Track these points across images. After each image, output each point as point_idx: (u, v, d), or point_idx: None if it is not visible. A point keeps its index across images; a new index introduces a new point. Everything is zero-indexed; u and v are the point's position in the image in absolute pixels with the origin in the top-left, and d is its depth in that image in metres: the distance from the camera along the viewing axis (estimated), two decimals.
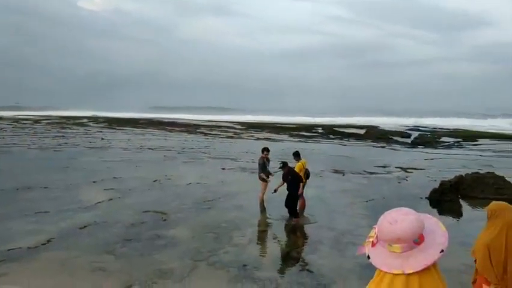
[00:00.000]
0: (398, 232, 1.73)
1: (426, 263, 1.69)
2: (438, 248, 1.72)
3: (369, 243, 1.86)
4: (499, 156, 26.27)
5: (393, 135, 43.78)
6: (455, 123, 73.66)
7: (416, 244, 1.73)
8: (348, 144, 35.19)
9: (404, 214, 1.78)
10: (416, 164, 21.95)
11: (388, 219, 1.78)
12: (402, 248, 1.73)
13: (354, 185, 16.01)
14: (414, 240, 1.72)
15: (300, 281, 7.19)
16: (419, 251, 1.72)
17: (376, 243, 1.82)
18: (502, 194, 13.39)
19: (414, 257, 1.71)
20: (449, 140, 38.64)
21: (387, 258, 1.76)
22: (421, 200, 13.40)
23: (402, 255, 1.73)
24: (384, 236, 1.77)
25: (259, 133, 47.27)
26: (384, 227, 1.77)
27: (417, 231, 1.73)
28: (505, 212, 3.82)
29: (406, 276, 1.69)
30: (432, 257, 1.70)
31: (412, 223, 1.73)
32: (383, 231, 1.77)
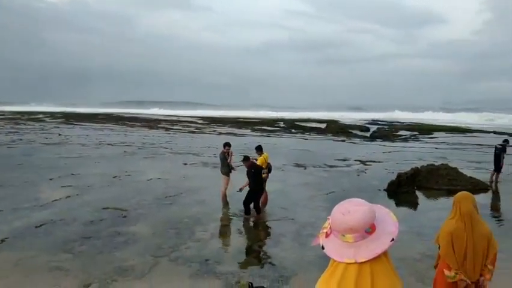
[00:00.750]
0: (350, 222, 1.76)
1: (377, 251, 1.73)
2: (389, 237, 1.77)
3: (324, 234, 1.89)
4: (453, 149, 27.33)
5: (352, 129, 44.71)
6: (413, 117, 75.89)
7: (368, 234, 1.77)
8: (309, 139, 35.65)
9: (356, 205, 1.82)
10: (374, 157, 22.52)
11: (341, 210, 1.82)
12: (355, 238, 1.76)
13: (315, 178, 16.25)
14: (366, 229, 1.76)
15: (262, 274, 7.24)
16: (371, 240, 1.76)
17: (330, 234, 1.85)
18: (455, 184, 13.99)
19: (366, 246, 1.75)
20: (406, 134, 39.85)
21: (341, 248, 1.79)
22: (379, 192, 13.77)
23: (354, 244, 1.76)
24: (337, 227, 1.81)
25: (221, 128, 47.13)
26: (337, 218, 1.81)
27: (369, 221, 1.78)
28: (464, 201, 3.98)
29: (358, 264, 1.73)
30: (383, 246, 1.75)
31: (364, 213, 1.77)
32: (336, 222, 1.81)
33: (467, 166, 18.63)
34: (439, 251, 4.05)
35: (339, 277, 1.75)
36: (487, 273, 3.82)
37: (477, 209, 3.98)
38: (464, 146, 29.07)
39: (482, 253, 3.81)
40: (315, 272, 7.22)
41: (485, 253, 3.83)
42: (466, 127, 48.78)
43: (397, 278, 1.80)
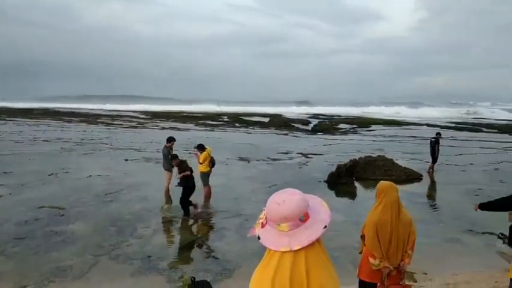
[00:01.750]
0: (284, 212, 1.81)
1: (311, 238, 1.78)
2: (322, 225, 1.82)
3: (259, 224, 1.92)
4: (389, 141, 28.56)
5: (295, 123, 45.47)
6: (352, 111, 78.33)
7: (301, 222, 1.82)
8: (253, 132, 35.89)
9: (290, 194, 1.87)
10: (315, 150, 23.09)
11: (276, 200, 1.86)
12: (289, 227, 1.81)
13: (258, 171, 16.42)
14: (300, 218, 1.81)
15: (205, 268, 7.27)
16: (305, 228, 1.81)
17: (265, 224, 1.89)
18: (391, 175, 14.66)
19: (300, 234, 1.79)
20: (346, 127, 41.09)
21: (276, 237, 1.83)
22: (320, 184, 14.16)
23: (289, 233, 1.81)
24: (272, 217, 1.85)
25: (164, 122, 46.32)
26: (272, 208, 1.85)
27: (303, 209, 1.83)
28: (390, 190, 4.14)
29: (293, 253, 1.77)
30: (317, 233, 1.80)
31: (297, 202, 1.83)
32: (271, 212, 1.85)
33: (402, 157, 19.58)
34: (364, 239, 4.21)
35: (274, 266, 1.79)
36: (407, 258, 4.03)
37: (399, 198, 4.15)
38: (400, 138, 30.45)
39: (404, 240, 4.01)
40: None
41: (407, 240, 4.03)
42: (401, 120, 51.06)
43: (331, 265, 1.85)
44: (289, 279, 1.75)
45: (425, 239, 8.74)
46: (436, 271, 7.28)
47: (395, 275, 4.03)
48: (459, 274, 7.14)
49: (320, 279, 1.76)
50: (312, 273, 1.76)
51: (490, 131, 38.57)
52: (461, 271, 7.31)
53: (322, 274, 1.78)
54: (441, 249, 8.53)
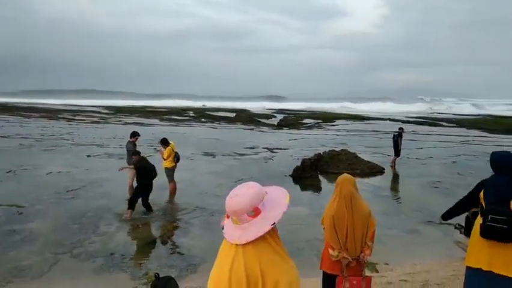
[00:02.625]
0: (234, 206, 1.85)
1: (257, 234, 1.81)
2: (271, 221, 1.84)
3: (226, 215, 1.97)
4: (352, 135, 29.11)
5: (261, 118, 45.64)
6: (318, 106, 79.30)
7: (250, 217, 1.84)
8: (219, 127, 35.78)
9: (246, 188, 1.90)
10: (281, 145, 23.26)
11: (231, 193, 1.90)
12: (240, 221, 1.85)
13: (224, 166, 16.39)
14: (249, 213, 1.84)
15: (170, 264, 7.21)
16: (253, 224, 1.84)
17: (229, 216, 1.93)
18: (354, 168, 14.96)
19: (249, 228, 1.83)
20: (311, 122, 41.59)
21: (232, 230, 1.88)
22: (286, 178, 14.29)
23: (242, 226, 1.85)
24: (227, 210, 1.90)
25: (128, 118, 45.49)
26: (226, 201, 1.89)
27: (252, 204, 1.85)
28: (346, 183, 4.22)
29: (244, 246, 1.81)
30: (264, 229, 1.82)
31: (248, 197, 1.85)
32: (226, 205, 1.89)
33: (364, 151, 19.99)
34: (324, 232, 4.29)
35: (230, 258, 1.82)
36: (367, 249, 4.12)
37: (357, 190, 4.20)
38: (363, 133, 31.09)
39: (362, 231, 4.09)
40: None
41: (365, 231, 4.12)
42: (365, 115, 52.09)
43: (287, 259, 1.88)
44: (245, 272, 1.78)
45: (387, 231, 8.99)
46: (397, 261, 7.49)
47: (355, 266, 4.11)
48: (419, 264, 7.38)
49: (275, 275, 1.78)
50: (267, 268, 1.79)
51: (449, 125, 39.90)
52: (421, 261, 7.56)
53: (277, 269, 1.80)
54: (402, 240, 8.78)
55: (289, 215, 8.97)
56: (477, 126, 38.36)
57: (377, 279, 6.18)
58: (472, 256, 4.35)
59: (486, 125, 38.72)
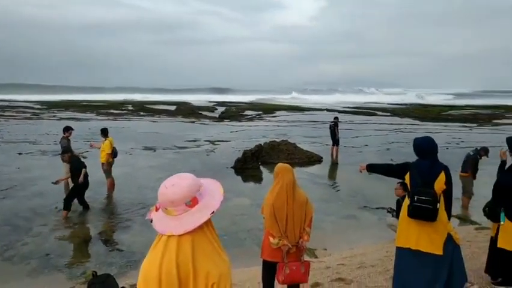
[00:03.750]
0: (171, 196, 1.82)
1: (195, 224, 1.80)
2: (210, 210, 1.85)
3: (154, 208, 1.93)
4: (292, 126, 29.66)
5: (202, 110, 45.27)
6: (258, 97, 79.72)
7: (188, 207, 1.83)
8: (159, 121, 35.11)
9: (181, 179, 1.88)
10: (222, 137, 23.27)
11: (166, 184, 1.86)
12: (176, 211, 1.82)
13: (165, 160, 16.16)
14: (186, 203, 1.83)
15: (109, 262, 7.06)
16: (191, 214, 1.82)
17: (159, 208, 1.90)
18: (294, 158, 15.32)
19: (187, 219, 1.81)
20: (252, 113, 41.84)
21: (165, 221, 1.84)
22: (227, 170, 14.35)
23: (177, 217, 1.82)
24: (161, 200, 1.86)
25: (62, 112, 43.46)
26: (160, 192, 1.86)
27: (190, 194, 1.84)
28: (285, 172, 4.32)
29: (178, 237, 1.78)
30: (202, 218, 1.82)
31: (186, 187, 1.83)
32: (160, 196, 1.86)
33: (304, 141, 20.47)
34: (264, 221, 4.38)
35: (162, 250, 1.79)
36: (305, 235, 4.26)
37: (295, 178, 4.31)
38: (302, 123, 31.76)
39: (301, 218, 4.22)
40: None
41: (303, 218, 4.26)
42: (304, 106, 53.18)
43: (220, 251, 1.88)
44: (176, 264, 1.76)
45: (326, 217, 9.32)
46: (335, 246, 7.79)
47: (295, 252, 4.23)
48: (355, 247, 7.73)
49: (206, 267, 1.78)
50: (199, 259, 1.78)
51: (383, 114, 41.66)
52: (357, 244, 7.92)
53: (209, 261, 1.80)
54: (339, 226, 9.14)
55: (231, 206, 9.09)
56: (409, 114, 40.34)
57: (316, 265, 6.40)
58: (401, 237, 4.61)
59: (417, 114, 40.83)
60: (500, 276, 4.77)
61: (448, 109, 46.71)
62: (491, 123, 33.12)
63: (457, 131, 27.28)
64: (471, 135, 24.45)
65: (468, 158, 10.08)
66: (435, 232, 4.33)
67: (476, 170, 10.00)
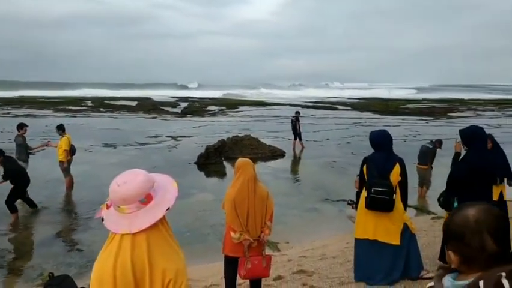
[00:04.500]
0: (124, 194, 1.77)
1: (151, 221, 1.76)
2: (165, 207, 1.81)
3: (105, 206, 1.87)
4: (255, 121, 29.72)
5: (164, 106, 44.62)
6: (222, 92, 79.38)
7: (143, 204, 1.78)
8: (119, 117, 34.36)
9: (133, 175, 1.83)
10: (185, 132, 23.05)
11: (117, 181, 1.81)
12: (129, 209, 1.77)
13: (125, 157, 15.86)
14: (141, 200, 1.78)
15: (68, 262, 6.90)
16: (146, 210, 1.78)
17: (110, 206, 1.85)
18: (257, 153, 15.38)
19: (141, 216, 1.76)
20: (215, 109, 41.63)
21: (117, 219, 1.79)
22: (190, 165, 14.24)
23: (130, 215, 1.77)
24: (113, 199, 1.81)
25: (17, 109, 41.84)
26: (112, 189, 1.80)
27: (144, 191, 1.79)
28: (246, 167, 4.34)
29: (133, 235, 1.74)
30: (158, 215, 1.79)
31: (139, 184, 1.79)
32: (112, 193, 1.80)
33: (267, 136, 20.56)
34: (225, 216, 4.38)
35: (115, 249, 1.75)
36: (267, 229, 4.29)
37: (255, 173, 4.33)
38: (265, 118, 31.89)
39: (262, 212, 4.25)
40: None
41: (264, 212, 4.29)
42: (267, 101, 53.36)
43: (176, 247, 1.86)
44: (131, 262, 1.72)
45: (288, 211, 9.42)
46: (297, 239, 7.89)
47: (256, 247, 4.26)
48: (317, 240, 7.85)
49: (162, 264, 1.75)
50: (154, 257, 1.75)
51: (344, 108, 42.39)
52: (318, 237, 8.05)
53: (165, 258, 1.77)
54: (302, 219, 9.26)
55: (194, 202, 9.00)
56: (369, 108, 41.24)
57: (278, 258, 6.47)
58: (359, 228, 4.73)
59: (377, 108, 41.80)
60: None
61: (406, 103, 48.05)
62: (447, 116, 34.33)
63: (414, 124, 28.13)
64: (427, 128, 25.27)
65: (427, 151, 10.40)
66: (392, 222, 4.47)
67: (432, 161, 10.38)
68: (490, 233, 1.09)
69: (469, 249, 1.10)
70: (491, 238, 1.09)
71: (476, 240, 1.10)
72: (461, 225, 1.13)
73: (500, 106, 45.00)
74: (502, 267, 1.07)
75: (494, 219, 1.11)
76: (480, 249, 1.09)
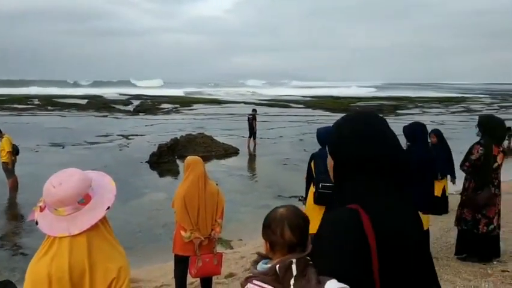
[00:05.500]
0: (61, 195, 1.69)
1: (91, 222, 1.71)
2: (105, 206, 1.76)
3: (38, 208, 1.78)
4: (209, 119, 29.59)
5: (116, 104, 43.54)
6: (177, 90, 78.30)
7: (81, 205, 1.72)
8: (68, 116, 33.23)
9: (68, 175, 1.76)
10: (137, 131, 22.61)
11: (52, 182, 1.73)
12: (67, 211, 1.70)
13: (74, 156, 15.36)
14: (79, 201, 1.72)
15: (12, 267, 6.61)
16: (85, 211, 1.72)
17: (44, 208, 1.76)
18: (210, 151, 15.35)
19: (81, 217, 1.70)
20: (168, 106, 41.06)
21: (54, 222, 1.71)
22: (142, 164, 13.99)
23: (68, 217, 1.70)
24: (48, 201, 1.73)
25: None
26: (47, 191, 1.72)
27: (82, 191, 1.73)
28: (195, 165, 4.31)
29: (73, 237, 1.68)
30: (99, 215, 1.74)
31: (76, 184, 1.72)
32: (47, 196, 1.73)
33: (221, 134, 20.52)
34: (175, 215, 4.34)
35: (52, 253, 1.68)
36: (217, 227, 4.29)
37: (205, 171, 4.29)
38: (219, 116, 31.81)
39: (212, 210, 4.25)
40: None
41: (215, 210, 4.29)
42: (221, 99, 53.23)
43: (118, 246, 1.82)
44: (68, 265, 1.66)
45: (242, 208, 9.47)
46: (250, 236, 7.93)
47: (207, 245, 4.25)
48: None
49: (104, 264, 1.71)
50: (95, 257, 1.70)
51: (297, 106, 42.98)
52: None
53: (106, 257, 1.73)
54: (255, 216, 9.26)
55: (147, 202, 8.87)
56: (321, 106, 42.03)
57: (231, 255, 6.49)
58: None
59: (329, 106, 42.67)
60: None
61: (357, 101, 49.36)
62: (395, 113, 35.56)
63: None
64: None
65: None
66: None
67: None
68: (289, 225, 1.37)
69: (273, 236, 1.38)
70: (289, 230, 1.36)
71: (278, 230, 1.37)
72: (271, 217, 1.43)
73: (444, 103, 47.21)
74: (295, 255, 1.33)
75: (294, 216, 1.42)
76: (281, 237, 1.36)
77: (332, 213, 1.32)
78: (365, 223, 1.21)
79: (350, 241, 1.20)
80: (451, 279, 4.54)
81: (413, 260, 1.27)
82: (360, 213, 1.22)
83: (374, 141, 1.32)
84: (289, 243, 1.36)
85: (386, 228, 1.22)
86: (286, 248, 1.36)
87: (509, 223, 6.38)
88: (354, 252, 1.19)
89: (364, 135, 1.32)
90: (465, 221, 4.94)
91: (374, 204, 1.25)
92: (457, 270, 4.79)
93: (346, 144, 1.35)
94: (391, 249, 1.22)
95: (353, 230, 1.21)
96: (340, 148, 1.38)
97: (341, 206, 1.28)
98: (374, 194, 1.28)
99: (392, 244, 1.22)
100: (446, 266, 4.96)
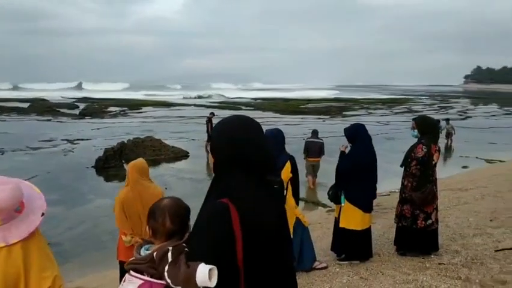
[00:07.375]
0: None
1: (30, 229, 1.69)
2: (39, 212, 1.75)
3: None
4: (159, 122, 29.16)
5: (60, 107, 41.91)
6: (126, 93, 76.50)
7: (17, 213, 1.70)
8: (8, 120, 31.64)
9: (2, 184, 1.71)
10: (82, 135, 21.93)
11: None
12: (3, 220, 1.66)
13: (15, 163, 14.71)
14: (16, 209, 1.69)
15: None
16: (21, 219, 1.70)
17: None
18: (159, 154, 15.16)
19: (17, 225, 1.67)
20: (116, 109, 40.04)
21: None
22: (88, 170, 13.59)
23: (3, 227, 1.66)
24: None
25: None
26: None
27: (18, 199, 1.71)
28: (137, 167, 4.14)
29: (8, 247, 1.64)
30: (35, 223, 1.72)
31: (12, 192, 1.69)
32: None
33: (170, 137, 20.28)
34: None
35: None
36: None
37: (145, 173, 4.17)
38: (169, 119, 31.39)
39: None
40: None
41: None
42: (171, 101, 52.51)
43: (50, 252, 1.81)
44: (3, 274, 1.62)
45: (192, 212, 9.39)
46: None
47: None
48: None
49: (39, 272, 1.69)
50: (31, 265, 1.68)
51: (248, 108, 43.18)
52: None
53: (42, 265, 1.71)
54: None
55: (92, 208, 8.63)
56: (272, 108, 42.49)
57: None
58: None
59: (279, 108, 43.21)
60: (343, 253, 5.31)
61: (306, 103, 50.27)
62: (342, 115, 36.55)
63: (312, 122, 29.55)
64: (324, 126, 26.69)
65: (318, 144, 11.27)
66: None
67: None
68: (169, 214, 1.53)
69: (155, 224, 1.52)
70: (169, 218, 1.52)
71: (160, 218, 1.52)
72: (155, 206, 1.58)
73: (388, 105, 49.07)
74: (172, 242, 1.47)
75: (176, 206, 1.58)
76: (162, 224, 1.51)
77: (206, 206, 1.45)
78: (233, 216, 1.34)
79: (217, 232, 1.34)
80: (391, 274, 4.73)
81: (274, 248, 1.43)
82: (230, 207, 1.35)
83: (246, 144, 1.45)
84: (168, 231, 1.51)
85: (252, 221, 1.36)
86: (166, 235, 1.51)
87: (446, 218, 6.73)
88: (221, 242, 1.33)
89: (238, 138, 1.46)
90: (405, 217, 5.14)
91: (243, 199, 1.38)
92: (397, 265, 4.99)
93: (222, 146, 1.48)
94: (256, 240, 1.36)
95: (220, 222, 1.34)
96: (218, 149, 1.50)
97: (215, 199, 1.40)
98: (244, 189, 1.41)
99: (257, 235, 1.37)
100: (388, 262, 5.16)
